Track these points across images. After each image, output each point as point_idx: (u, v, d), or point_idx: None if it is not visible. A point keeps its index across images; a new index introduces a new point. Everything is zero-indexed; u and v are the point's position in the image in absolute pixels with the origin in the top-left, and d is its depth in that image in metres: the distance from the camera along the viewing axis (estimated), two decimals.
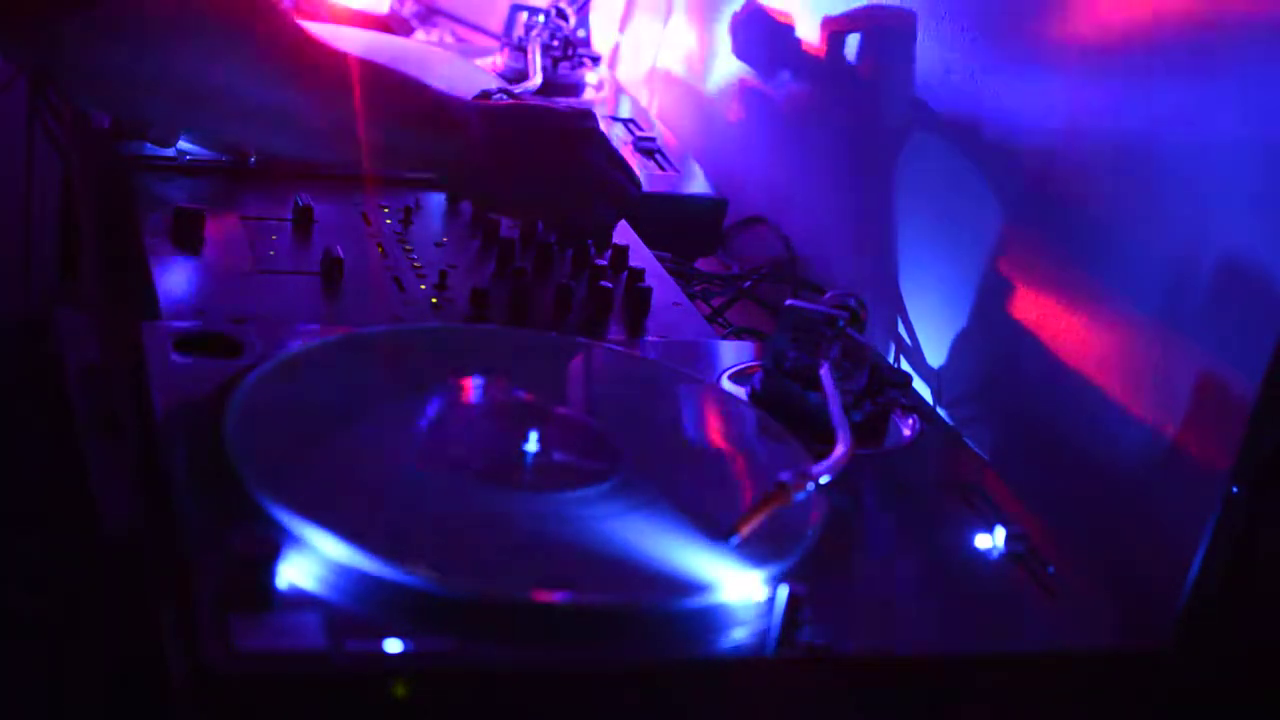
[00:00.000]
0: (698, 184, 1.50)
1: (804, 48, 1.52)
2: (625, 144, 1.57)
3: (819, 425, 0.96)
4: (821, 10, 1.48)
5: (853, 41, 1.43)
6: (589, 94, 1.73)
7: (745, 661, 0.77)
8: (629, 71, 1.92)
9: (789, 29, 1.54)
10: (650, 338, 1.14)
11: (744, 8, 1.65)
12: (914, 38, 1.33)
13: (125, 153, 1.27)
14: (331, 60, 1.08)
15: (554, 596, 0.76)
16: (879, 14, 1.39)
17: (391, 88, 1.13)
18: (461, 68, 1.66)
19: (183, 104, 1.05)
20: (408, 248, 1.22)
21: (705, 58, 1.74)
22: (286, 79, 1.06)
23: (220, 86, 1.03)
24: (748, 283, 1.44)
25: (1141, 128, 1.04)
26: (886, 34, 1.38)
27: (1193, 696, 0.87)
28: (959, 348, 1.22)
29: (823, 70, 1.48)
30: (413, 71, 1.16)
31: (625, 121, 1.64)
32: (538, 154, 1.19)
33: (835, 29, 1.46)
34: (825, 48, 1.47)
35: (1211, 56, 0.98)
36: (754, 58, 1.63)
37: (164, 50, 1.01)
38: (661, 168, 1.52)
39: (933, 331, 1.26)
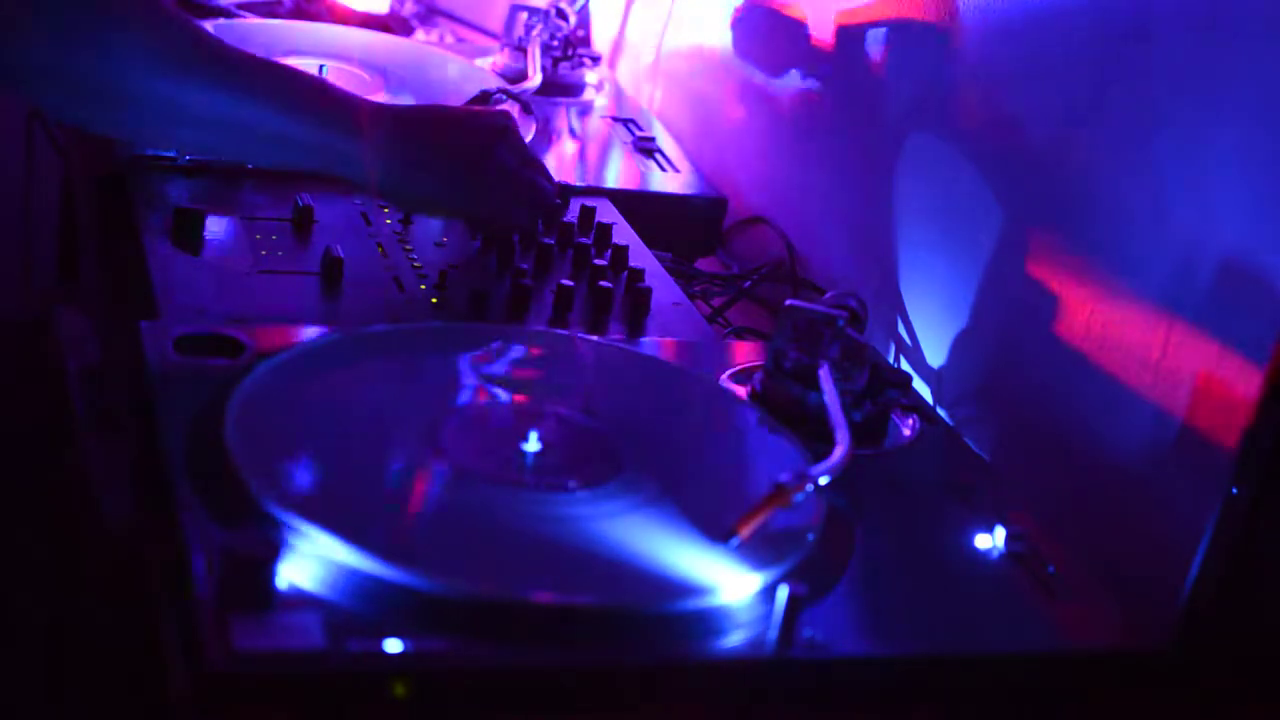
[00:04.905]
0: (698, 184, 1.50)
1: (804, 47, 1.51)
2: (625, 144, 1.57)
3: (819, 425, 0.96)
4: (822, 10, 1.48)
5: (853, 41, 1.43)
6: (589, 94, 1.72)
7: (745, 662, 0.77)
8: (629, 71, 1.92)
9: (789, 29, 1.54)
10: (650, 337, 1.14)
11: (744, 8, 1.65)
12: (914, 37, 1.33)
13: (125, 153, 1.27)
14: (248, 59, 1.10)
15: (553, 597, 0.76)
16: (879, 14, 1.39)
17: (304, 86, 1.13)
18: (461, 68, 1.66)
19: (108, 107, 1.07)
20: (408, 248, 1.22)
21: (705, 57, 1.74)
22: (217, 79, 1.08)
23: (156, 93, 1.06)
24: (748, 283, 1.44)
25: (1142, 126, 1.04)
26: (887, 33, 1.38)
27: (1193, 696, 0.87)
28: (959, 348, 1.22)
29: (823, 70, 1.48)
30: (412, 72, 1.16)
31: (625, 121, 1.64)
32: (452, 154, 1.17)
33: (836, 29, 1.46)
34: (825, 47, 1.47)
35: (1214, 53, 0.98)
36: (755, 57, 1.63)
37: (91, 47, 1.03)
38: (662, 168, 1.52)
39: (933, 331, 1.26)
